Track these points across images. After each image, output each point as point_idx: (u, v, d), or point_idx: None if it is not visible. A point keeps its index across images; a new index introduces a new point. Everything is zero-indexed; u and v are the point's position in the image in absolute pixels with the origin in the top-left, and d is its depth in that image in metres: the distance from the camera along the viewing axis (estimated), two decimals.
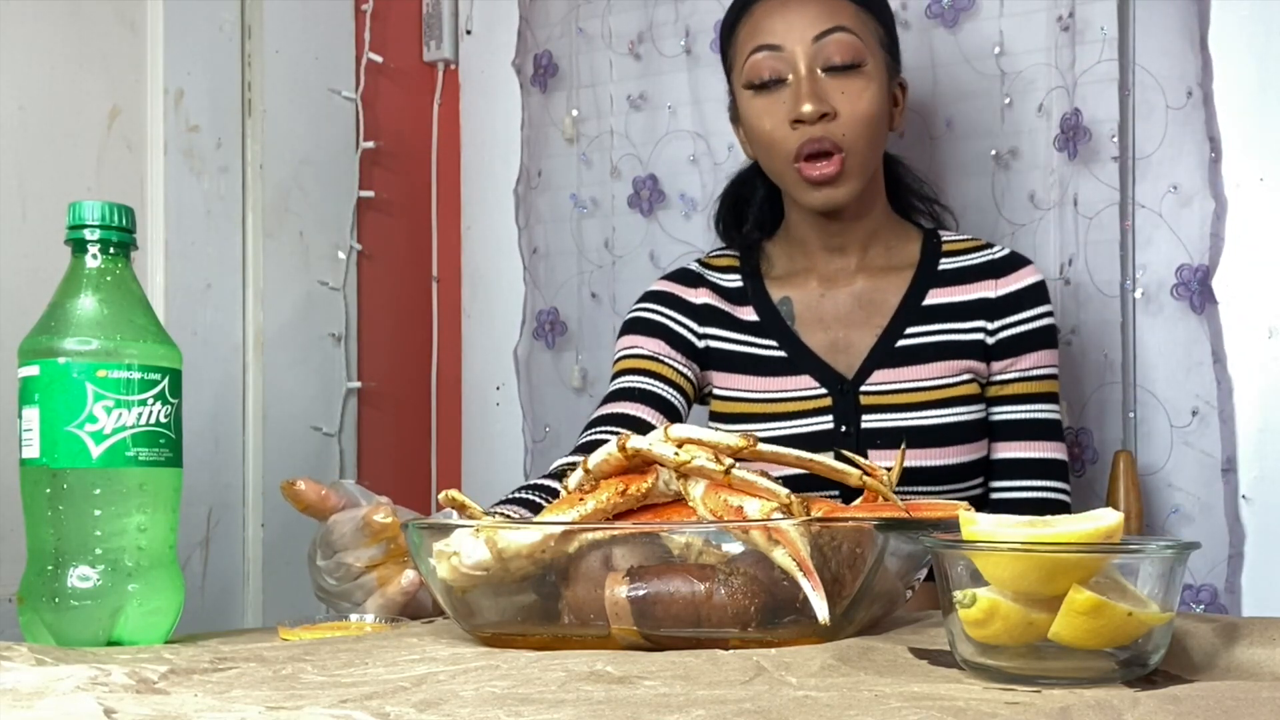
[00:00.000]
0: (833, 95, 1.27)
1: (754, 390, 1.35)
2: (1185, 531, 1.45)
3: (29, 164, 1.33)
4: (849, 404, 1.31)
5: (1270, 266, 1.43)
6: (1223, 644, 0.73)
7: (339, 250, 1.71)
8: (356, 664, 0.75)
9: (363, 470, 1.74)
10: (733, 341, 1.38)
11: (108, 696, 0.63)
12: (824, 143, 1.26)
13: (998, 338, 1.32)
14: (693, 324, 1.39)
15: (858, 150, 1.28)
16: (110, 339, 0.88)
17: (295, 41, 1.65)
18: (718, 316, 1.39)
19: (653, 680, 0.66)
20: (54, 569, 0.87)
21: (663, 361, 1.37)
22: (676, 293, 1.41)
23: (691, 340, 1.39)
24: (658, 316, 1.40)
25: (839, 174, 1.27)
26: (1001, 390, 1.33)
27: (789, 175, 1.30)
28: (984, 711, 0.58)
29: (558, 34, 1.82)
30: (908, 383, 1.31)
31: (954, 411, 1.30)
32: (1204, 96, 1.45)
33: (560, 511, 0.83)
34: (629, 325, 1.41)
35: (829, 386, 1.32)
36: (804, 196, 1.30)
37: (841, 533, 0.77)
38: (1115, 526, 0.65)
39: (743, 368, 1.36)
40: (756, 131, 1.31)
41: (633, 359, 1.38)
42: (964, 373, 1.32)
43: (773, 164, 1.32)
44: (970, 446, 1.31)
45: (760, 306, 1.38)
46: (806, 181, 1.28)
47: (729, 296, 1.40)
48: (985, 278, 1.34)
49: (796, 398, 1.33)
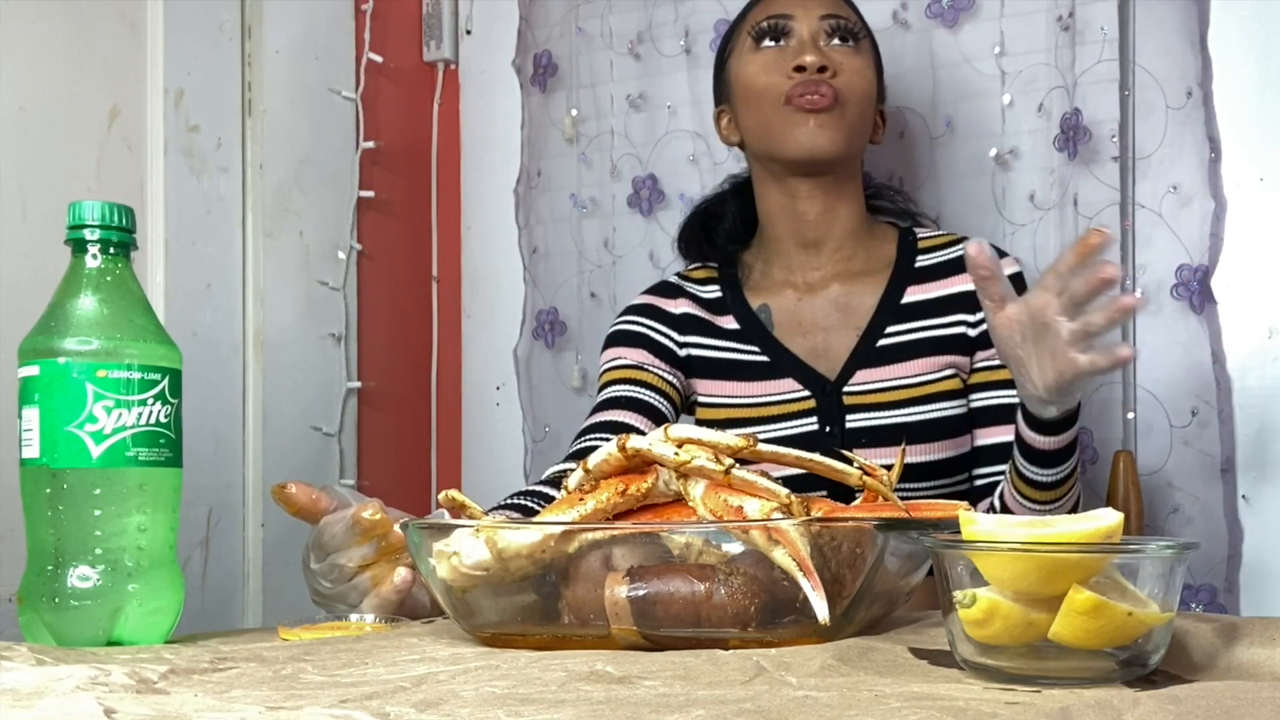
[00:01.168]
0: (834, 58, 1.31)
1: (738, 395, 1.35)
2: (1185, 531, 1.45)
3: (29, 164, 1.33)
4: (832, 405, 1.31)
5: (1270, 266, 1.43)
6: (1223, 644, 0.73)
7: (339, 250, 1.71)
8: (356, 664, 0.75)
9: (363, 470, 1.74)
10: (715, 349, 1.38)
11: (108, 696, 0.63)
12: (821, 87, 1.29)
13: (980, 329, 1.33)
14: (673, 334, 1.40)
15: (850, 110, 1.31)
16: (110, 339, 0.88)
17: (295, 41, 1.65)
18: (698, 325, 1.40)
19: (653, 680, 0.66)
20: (54, 569, 0.87)
21: (648, 370, 1.38)
22: (656, 304, 1.42)
23: (673, 349, 1.39)
24: (639, 328, 1.41)
25: (831, 107, 1.29)
26: (988, 376, 1.33)
27: (777, 118, 1.31)
28: (984, 711, 0.58)
29: (557, 34, 1.82)
30: (890, 381, 1.31)
31: (938, 407, 1.30)
32: (1204, 96, 1.45)
33: (560, 511, 0.83)
34: (611, 339, 1.42)
35: (812, 388, 1.32)
36: (791, 136, 1.30)
37: (841, 533, 0.77)
38: (1115, 526, 0.65)
39: (726, 374, 1.37)
40: (751, 87, 1.33)
41: (618, 369, 1.39)
42: (946, 368, 1.32)
43: (761, 110, 1.32)
44: (955, 441, 1.31)
45: (740, 314, 1.39)
46: (797, 110, 1.29)
47: (708, 306, 1.41)
48: (963, 271, 1.34)
49: (780, 401, 1.33)
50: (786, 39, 1.33)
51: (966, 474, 1.33)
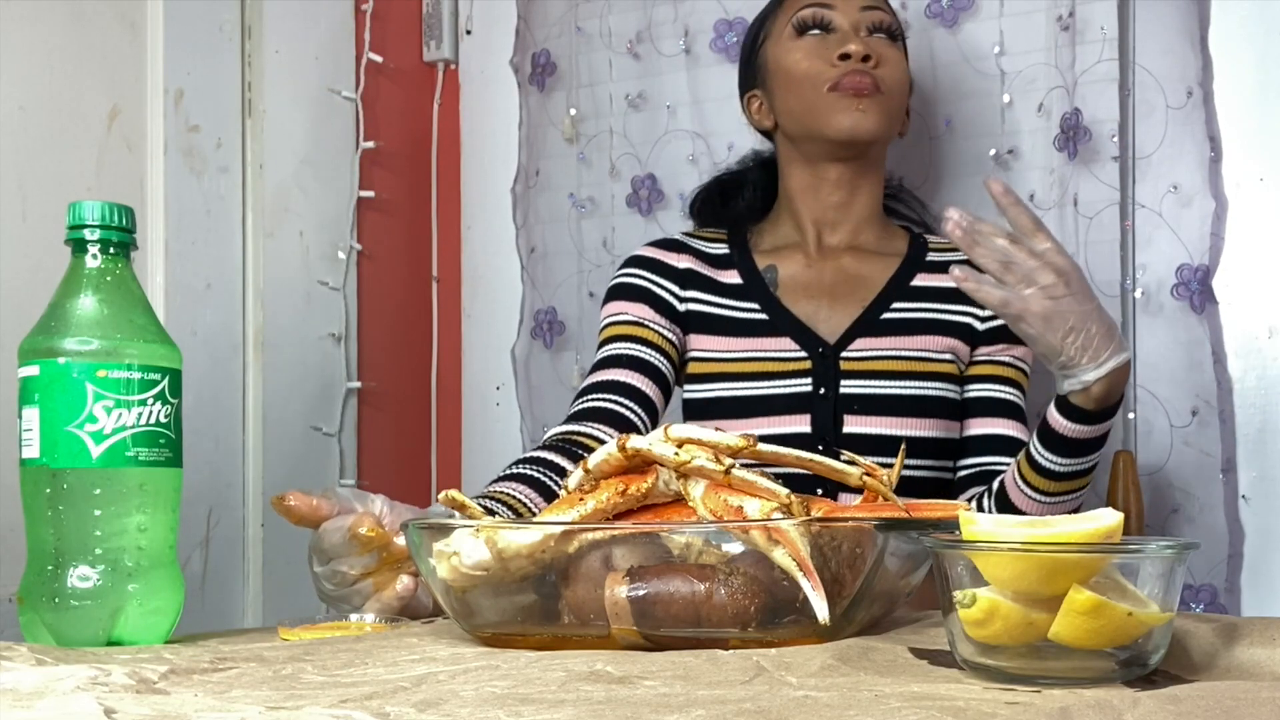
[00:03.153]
0: (876, 48, 1.34)
1: (732, 350, 1.35)
2: (1185, 531, 1.45)
3: (29, 164, 1.33)
4: (828, 368, 1.31)
5: (1270, 266, 1.43)
6: (1223, 644, 0.73)
7: (339, 250, 1.71)
8: (356, 664, 0.75)
9: (363, 470, 1.74)
10: (713, 305, 1.38)
11: (108, 696, 0.63)
12: (864, 77, 1.32)
13: (990, 325, 1.34)
14: (675, 288, 1.40)
15: (891, 101, 1.34)
16: (110, 339, 0.88)
17: (295, 41, 1.65)
18: (699, 280, 1.40)
19: (653, 680, 0.66)
20: (54, 569, 0.87)
21: (648, 326, 1.38)
22: (659, 257, 1.42)
23: (674, 304, 1.39)
24: (641, 281, 1.40)
25: (874, 93, 1.32)
26: (986, 370, 1.34)
27: (820, 102, 1.33)
28: (984, 711, 0.58)
29: (556, 33, 1.82)
30: (890, 351, 1.32)
31: (934, 385, 1.31)
32: (1204, 96, 1.45)
33: (560, 511, 0.83)
34: (613, 291, 1.42)
35: (809, 350, 1.33)
36: (835, 119, 1.32)
37: (841, 533, 0.77)
38: (1115, 526, 0.65)
39: (722, 329, 1.37)
40: (793, 72, 1.35)
41: (618, 325, 1.39)
42: (947, 350, 1.33)
43: (803, 95, 1.34)
44: (946, 422, 1.32)
45: (744, 270, 1.39)
46: (841, 94, 1.31)
47: (712, 261, 1.41)
48: None
49: (775, 358, 1.33)
50: (828, 29, 1.35)
51: (953, 460, 1.33)
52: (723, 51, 1.69)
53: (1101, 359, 1.10)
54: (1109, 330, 1.10)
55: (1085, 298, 1.09)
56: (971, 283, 1.08)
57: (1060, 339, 1.08)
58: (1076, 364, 1.10)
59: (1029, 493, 1.17)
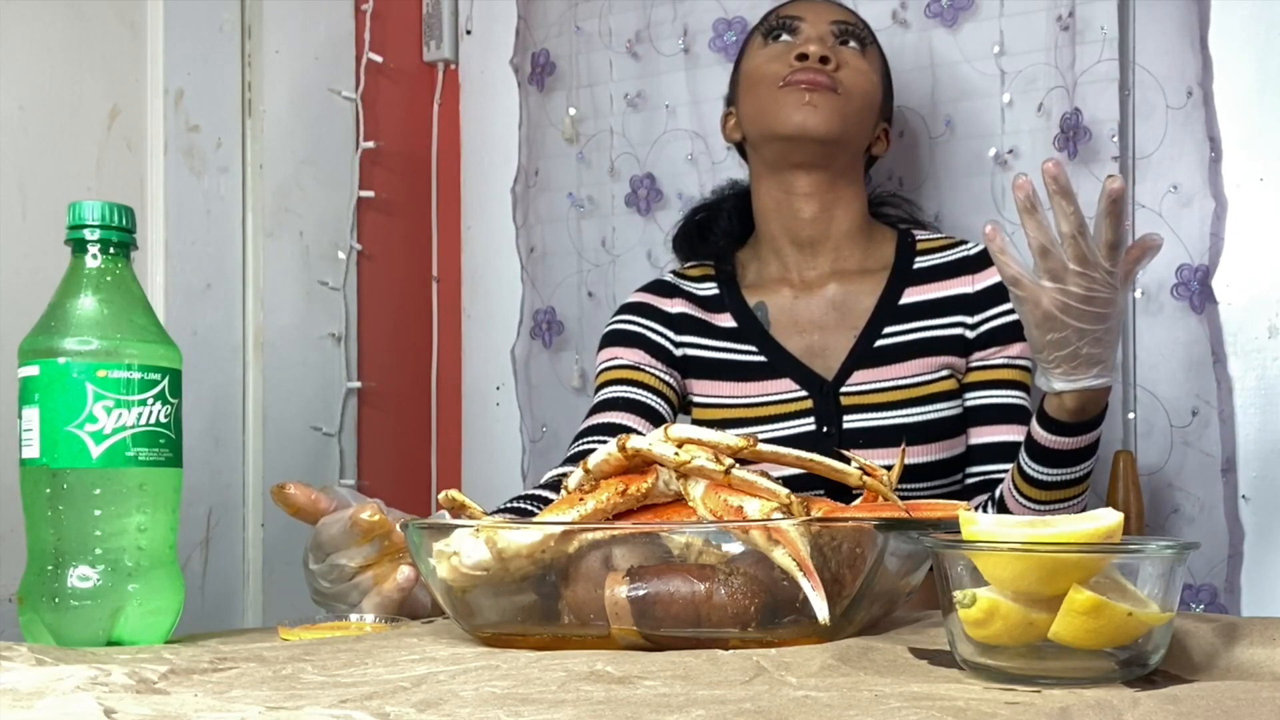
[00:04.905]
0: (839, 54, 1.33)
1: (735, 396, 1.35)
2: (1185, 531, 1.45)
3: (29, 164, 1.33)
4: (830, 405, 1.31)
5: (1270, 266, 1.43)
6: (1223, 644, 0.73)
7: (339, 250, 1.71)
8: (356, 664, 0.75)
9: (363, 470, 1.74)
10: (711, 349, 1.38)
11: (108, 696, 0.63)
12: (819, 75, 1.31)
13: (979, 330, 1.33)
14: (669, 333, 1.40)
15: (850, 104, 1.32)
16: (110, 339, 0.88)
17: (295, 41, 1.65)
18: (694, 325, 1.39)
19: (653, 680, 0.66)
20: (54, 569, 0.87)
21: (644, 370, 1.38)
22: (652, 303, 1.42)
23: (669, 349, 1.39)
24: (634, 327, 1.41)
25: (827, 89, 1.30)
26: (983, 375, 1.33)
27: (771, 99, 1.32)
28: (984, 711, 0.58)
29: (555, 33, 1.82)
30: (887, 381, 1.32)
31: (935, 408, 1.31)
32: (1204, 96, 1.45)
33: (560, 511, 0.83)
34: (607, 338, 1.42)
35: (809, 389, 1.32)
36: (784, 113, 1.31)
37: (841, 533, 0.77)
38: (1115, 526, 0.65)
39: (722, 374, 1.37)
40: (754, 76, 1.35)
41: (615, 370, 1.39)
42: (942, 369, 1.33)
43: (758, 96, 1.34)
44: (951, 443, 1.31)
45: (737, 312, 1.39)
46: (791, 88, 1.30)
47: (705, 305, 1.41)
48: (962, 274, 1.35)
49: (777, 401, 1.33)
50: (794, 35, 1.35)
51: (961, 474, 1.33)
52: (722, 51, 1.69)
53: (1076, 376, 1.05)
54: (1098, 358, 1.05)
55: (1096, 321, 1.02)
56: (998, 243, 1.01)
57: (1045, 339, 1.04)
58: (1052, 369, 1.06)
59: (1024, 502, 1.17)
